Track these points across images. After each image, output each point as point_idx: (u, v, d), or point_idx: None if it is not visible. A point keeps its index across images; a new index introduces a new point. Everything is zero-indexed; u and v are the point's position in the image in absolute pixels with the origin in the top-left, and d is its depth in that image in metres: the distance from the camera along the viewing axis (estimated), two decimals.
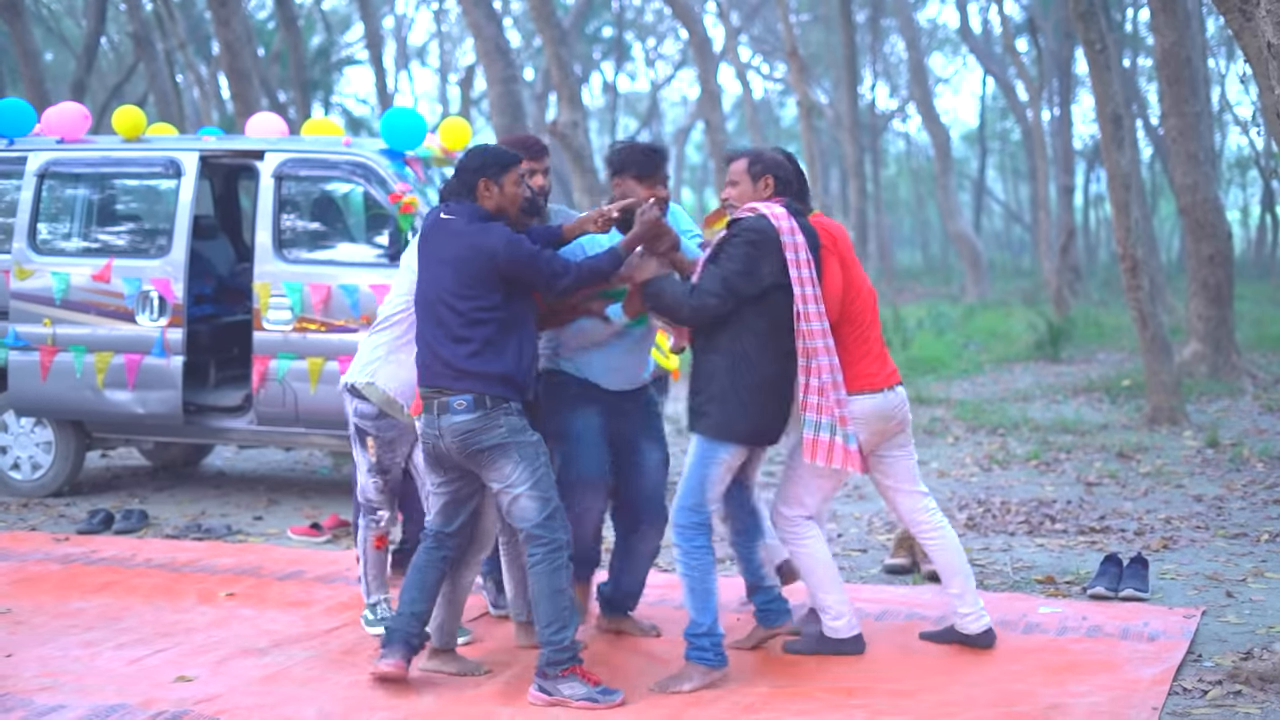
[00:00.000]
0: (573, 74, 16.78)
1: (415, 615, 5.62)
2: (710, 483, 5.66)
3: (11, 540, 8.35)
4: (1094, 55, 12.46)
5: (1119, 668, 5.78)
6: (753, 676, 5.74)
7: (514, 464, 5.43)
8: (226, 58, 19.71)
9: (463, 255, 5.43)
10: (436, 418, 5.47)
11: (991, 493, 9.62)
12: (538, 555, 5.43)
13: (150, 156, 9.46)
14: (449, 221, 5.54)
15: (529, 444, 5.46)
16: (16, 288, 9.44)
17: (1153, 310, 12.57)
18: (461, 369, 5.42)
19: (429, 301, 5.53)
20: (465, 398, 5.41)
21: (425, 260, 5.59)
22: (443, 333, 5.46)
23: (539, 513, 5.42)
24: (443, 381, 5.45)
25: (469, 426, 5.41)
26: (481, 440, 5.41)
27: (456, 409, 5.41)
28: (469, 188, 5.57)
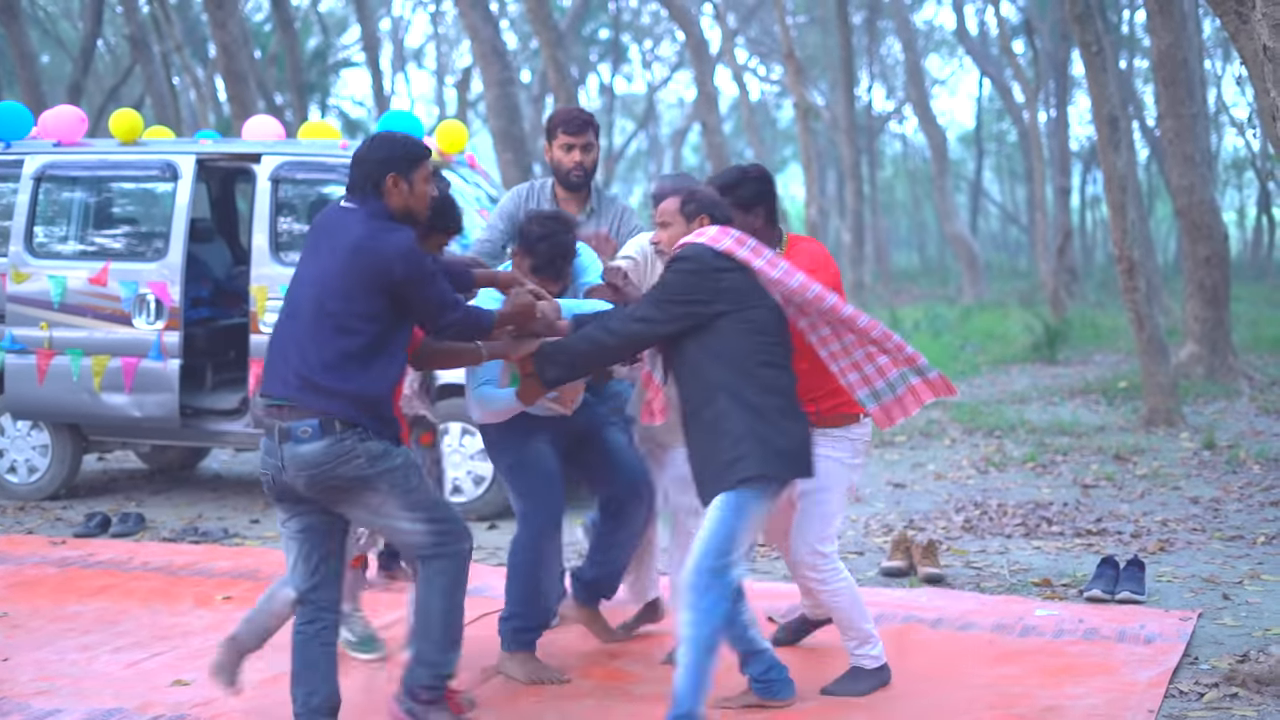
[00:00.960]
0: (570, 76, 16.80)
1: (314, 710, 4.81)
2: (743, 532, 4.96)
3: (8, 543, 8.35)
4: (1090, 57, 12.48)
5: (1115, 670, 5.79)
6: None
7: (382, 495, 4.64)
8: (223, 60, 19.73)
9: (355, 252, 4.64)
10: (278, 445, 4.61)
11: (988, 495, 9.63)
12: (433, 570, 4.77)
13: (147, 160, 9.47)
14: (349, 212, 4.76)
15: (395, 469, 4.66)
16: (13, 291, 9.44)
17: (1149, 312, 12.58)
18: (312, 381, 4.58)
19: (297, 298, 4.74)
20: (310, 423, 4.56)
21: (310, 251, 4.81)
22: (301, 333, 4.65)
23: (426, 534, 4.73)
24: (287, 393, 4.61)
25: (317, 459, 4.57)
26: (336, 473, 4.58)
27: (300, 436, 4.56)
28: (373, 182, 4.76)
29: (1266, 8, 5.52)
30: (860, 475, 5.56)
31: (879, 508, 9.29)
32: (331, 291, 4.63)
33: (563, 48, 16.99)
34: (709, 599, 4.84)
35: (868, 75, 42.42)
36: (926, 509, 9.20)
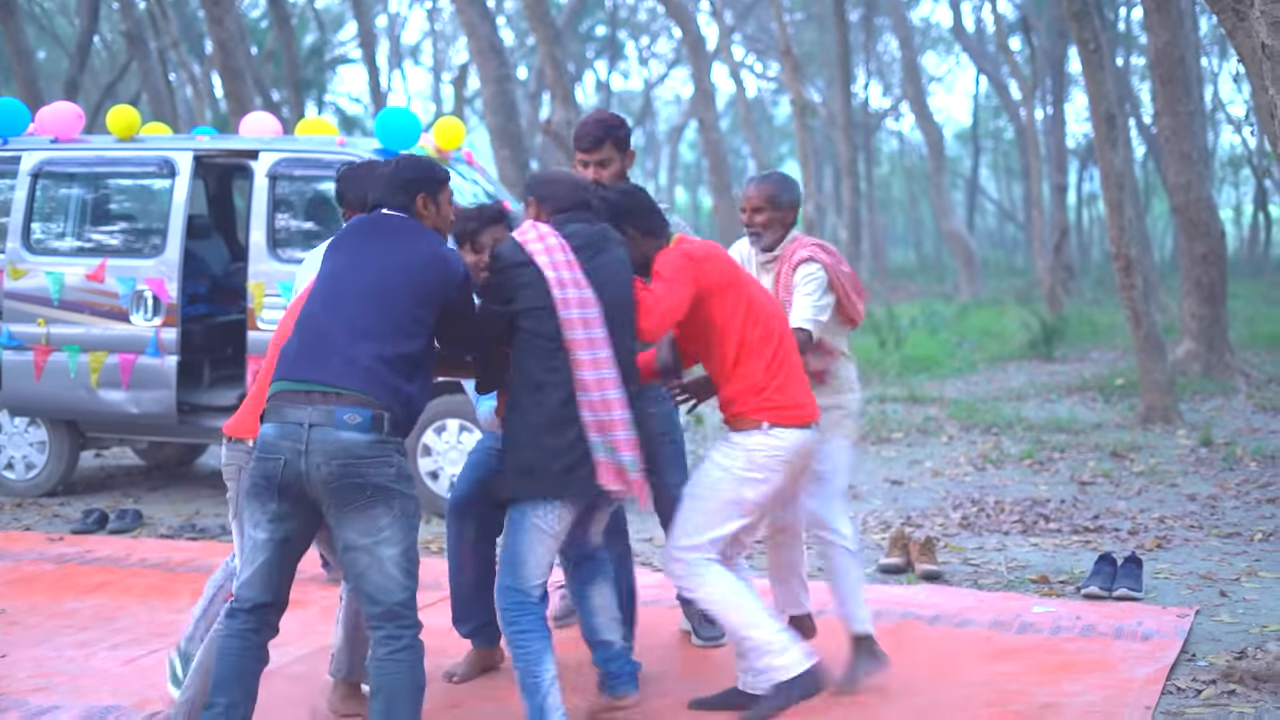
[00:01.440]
0: (567, 73, 16.78)
1: None
2: (528, 551, 4.80)
3: (6, 540, 8.35)
4: (1088, 54, 12.48)
5: (1113, 667, 5.79)
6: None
7: (392, 517, 4.29)
8: (220, 56, 19.72)
9: (420, 259, 4.51)
10: (306, 429, 4.26)
11: (985, 492, 9.63)
12: (403, 640, 4.33)
13: (144, 156, 9.46)
14: (397, 219, 4.62)
15: (412, 498, 4.39)
16: (10, 287, 9.43)
17: (1146, 309, 12.59)
18: (377, 373, 4.32)
19: (345, 290, 4.47)
20: (363, 412, 4.26)
21: (355, 250, 4.59)
22: (360, 325, 4.38)
23: (405, 584, 4.33)
24: (340, 380, 4.30)
25: (359, 450, 4.25)
26: (365, 473, 4.25)
27: (347, 423, 4.25)
28: (408, 197, 4.65)
29: (1265, 5, 5.53)
30: (761, 491, 5.07)
31: (876, 504, 9.30)
32: (401, 291, 4.43)
33: (560, 44, 16.97)
34: (515, 622, 4.79)
35: (864, 72, 42.43)
36: (924, 506, 9.21)
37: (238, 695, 4.42)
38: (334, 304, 4.43)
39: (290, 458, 4.24)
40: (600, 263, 4.86)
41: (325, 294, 4.49)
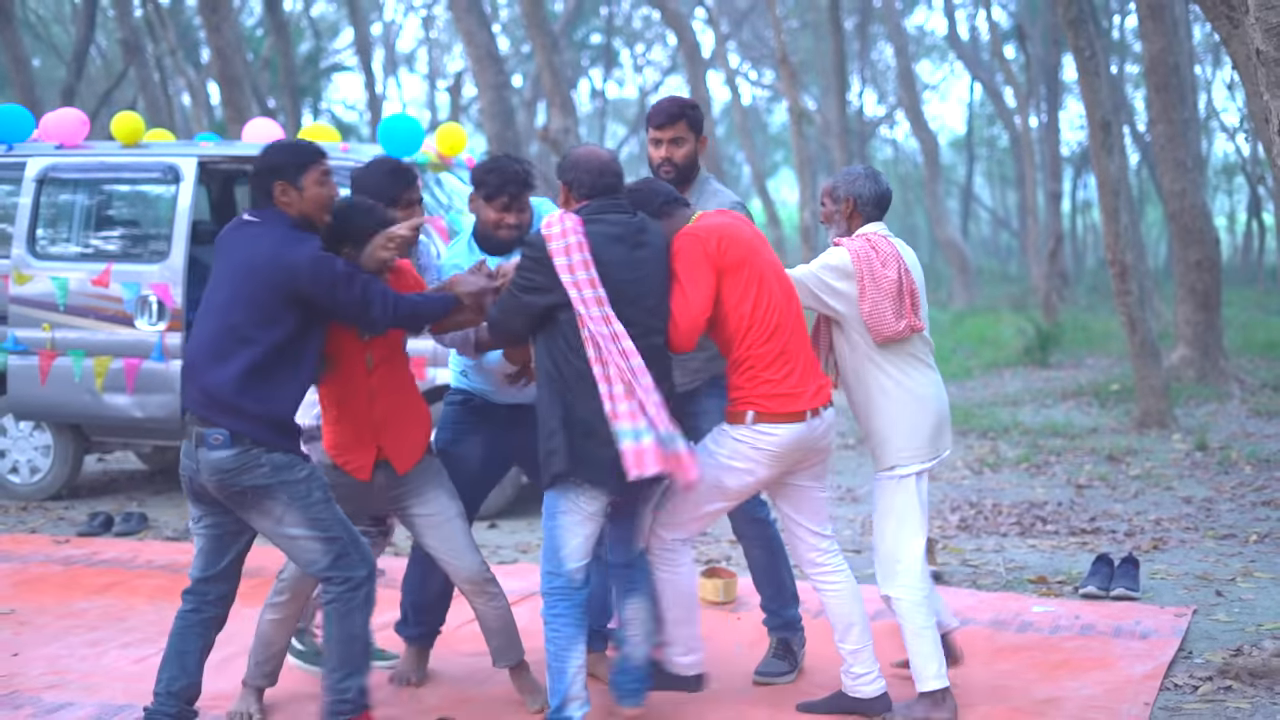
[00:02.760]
0: (565, 80, 16.87)
1: (174, 694, 4.90)
2: (563, 538, 4.95)
3: (12, 542, 8.42)
4: (1083, 62, 12.57)
5: (1112, 665, 5.87)
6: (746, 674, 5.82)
7: (283, 504, 4.71)
8: (218, 64, 19.78)
9: (256, 263, 4.69)
10: (195, 448, 4.74)
11: (983, 495, 9.72)
12: (331, 594, 4.80)
13: (149, 162, 9.53)
14: (250, 225, 4.83)
15: (298, 481, 4.73)
16: (15, 293, 9.50)
17: (1141, 315, 12.68)
18: (221, 400, 4.68)
19: (202, 314, 4.82)
20: (221, 432, 4.68)
21: (216, 269, 4.87)
22: (209, 351, 4.72)
23: (324, 553, 4.77)
24: (201, 410, 4.72)
25: (226, 465, 4.67)
26: (240, 480, 4.68)
27: (213, 444, 4.67)
28: (264, 192, 4.81)
29: (1259, 12, 5.61)
30: (744, 482, 5.11)
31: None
32: (233, 304, 4.70)
33: (557, 52, 17.06)
34: (554, 606, 4.92)
35: (859, 80, 42.51)
36: None
37: (180, 670, 4.92)
38: (196, 330, 4.84)
39: (191, 474, 4.79)
40: (640, 256, 4.95)
41: (196, 319, 4.90)
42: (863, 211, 5.43)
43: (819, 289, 5.27)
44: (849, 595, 5.28)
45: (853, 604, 5.28)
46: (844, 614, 5.28)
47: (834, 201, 5.49)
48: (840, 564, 5.32)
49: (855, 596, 5.29)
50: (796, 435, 5.05)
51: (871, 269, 5.25)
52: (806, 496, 5.29)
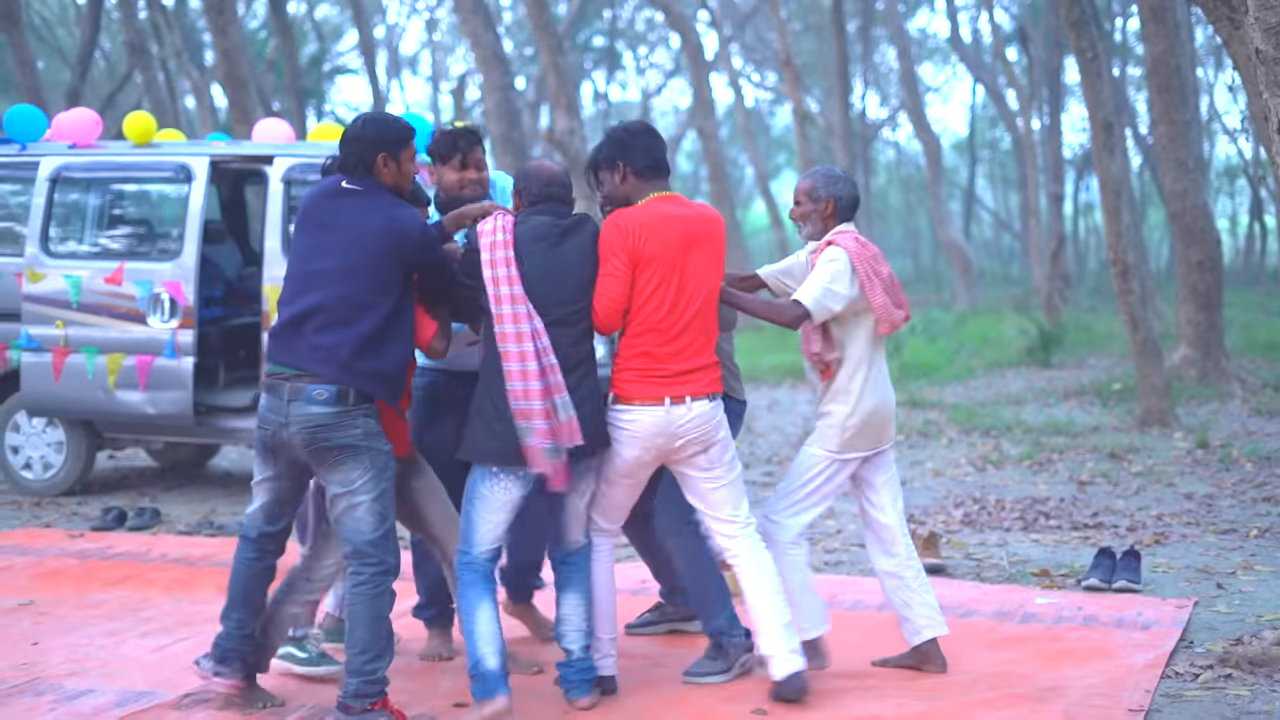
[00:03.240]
0: (570, 82, 16.98)
1: (246, 635, 5.25)
2: (475, 522, 5.21)
3: (28, 536, 8.53)
4: (1086, 64, 12.68)
5: (1114, 654, 5.96)
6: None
7: (363, 469, 4.92)
8: (224, 66, 19.89)
9: (367, 229, 4.94)
10: (286, 404, 4.91)
11: (986, 491, 9.82)
12: (364, 575, 4.94)
13: (161, 162, 9.64)
14: (352, 191, 5.04)
15: (381, 452, 4.97)
16: (29, 290, 9.60)
17: (1144, 314, 12.77)
18: (338, 359, 4.89)
19: (305, 274, 4.99)
20: (328, 388, 4.87)
21: (310, 229, 5.06)
22: (319, 313, 4.92)
23: (375, 528, 4.93)
24: (307, 365, 4.90)
25: (323, 420, 4.87)
26: (333, 438, 4.88)
27: (315, 398, 4.87)
28: (363, 162, 5.06)
29: (1259, 12, 5.71)
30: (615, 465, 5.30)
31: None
32: (359, 272, 4.93)
33: (562, 54, 17.18)
34: (460, 578, 5.21)
35: (861, 82, 42.60)
36: (926, 504, 9.39)
37: (246, 613, 5.23)
38: (302, 292, 4.98)
39: (275, 429, 4.96)
40: (561, 250, 5.21)
41: (294, 281, 5.04)
42: (841, 212, 5.65)
43: (825, 297, 5.44)
44: (756, 574, 5.38)
45: (762, 581, 5.37)
46: (752, 592, 5.37)
47: (813, 201, 5.66)
48: (746, 547, 5.40)
49: (766, 574, 5.38)
50: (653, 419, 5.22)
51: (872, 265, 5.51)
52: (699, 486, 5.40)
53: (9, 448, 9.94)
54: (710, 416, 5.29)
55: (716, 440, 5.32)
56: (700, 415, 5.25)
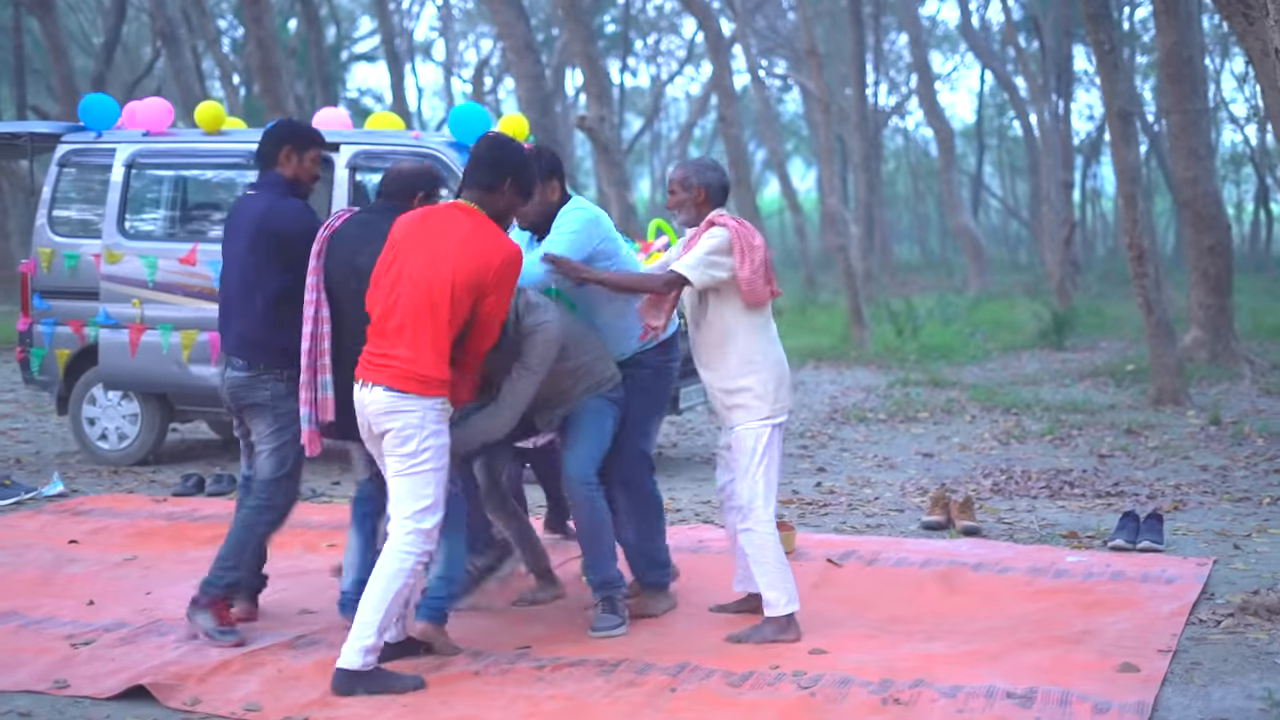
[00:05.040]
0: (601, 71, 17.48)
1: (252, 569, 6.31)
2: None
3: (115, 501, 9.07)
4: (1103, 55, 13.19)
5: (1141, 604, 6.50)
6: (828, 608, 6.45)
7: (267, 424, 6.01)
8: (257, 54, 20.38)
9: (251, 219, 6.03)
10: (223, 370, 6.13)
11: (1011, 463, 10.35)
12: (250, 503, 6.11)
13: (232, 149, 10.15)
14: (253, 185, 6.24)
15: (285, 412, 5.95)
16: (107, 270, 10.12)
17: (1158, 298, 13.29)
18: (243, 337, 6.02)
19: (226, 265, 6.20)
20: (242, 359, 6.03)
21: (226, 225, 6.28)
22: (228, 297, 6.11)
23: (271, 472, 6.03)
24: (230, 349, 6.08)
25: (239, 383, 6.04)
26: (247, 396, 6.03)
27: (236, 366, 6.03)
28: (272, 156, 6.16)
29: (1279, 14, 6.19)
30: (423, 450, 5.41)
31: (911, 473, 10.02)
32: (249, 257, 6.01)
33: (593, 43, 17.68)
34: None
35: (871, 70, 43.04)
36: (955, 475, 9.92)
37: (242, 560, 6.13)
38: (222, 280, 6.24)
39: (222, 391, 6.19)
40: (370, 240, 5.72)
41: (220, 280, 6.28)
42: (712, 199, 6.15)
43: (708, 266, 5.91)
44: (375, 575, 5.41)
45: (374, 583, 5.39)
46: (371, 585, 5.41)
47: (685, 190, 6.14)
48: (392, 545, 5.40)
49: (380, 580, 5.38)
50: (356, 396, 5.48)
51: (748, 243, 6.00)
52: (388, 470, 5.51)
53: (85, 419, 10.47)
54: (378, 405, 5.36)
55: (388, 429, 5.37)
56: (375, 405, 5.37)
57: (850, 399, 14.20)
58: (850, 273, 18.99)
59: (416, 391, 5.34)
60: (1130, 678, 5.40)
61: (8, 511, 8.81)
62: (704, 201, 6.11)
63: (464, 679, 5.50)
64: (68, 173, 10.52)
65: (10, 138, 11.04)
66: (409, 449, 5.35)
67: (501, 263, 5.40)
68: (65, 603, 6.62)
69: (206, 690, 5.33)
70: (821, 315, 23.10)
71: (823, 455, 10.86)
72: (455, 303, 5.34)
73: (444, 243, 5.40)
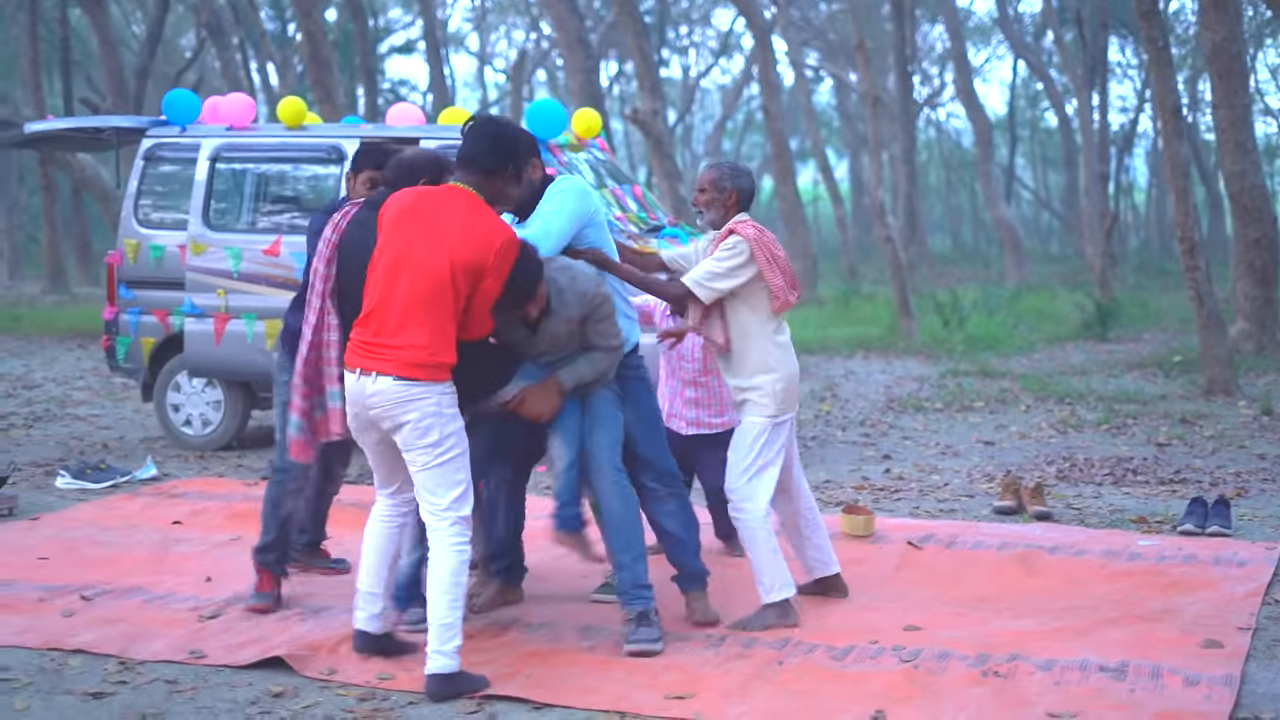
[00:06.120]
0: (653, 64, 17.74)
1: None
2: None
3: (208, 484, 9.38)
4: (1156, 51, 13.39)
5: (1216, 585, 6.76)
6: (913, 588, 6.72)
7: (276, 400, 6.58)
8: (308, 47, 20.66)
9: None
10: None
11: (1072, 451, 10.59)
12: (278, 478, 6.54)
13: (315, 143, 10.45)
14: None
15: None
16: (193, 262, 10.42)
17: (1209, 289, 13.50)
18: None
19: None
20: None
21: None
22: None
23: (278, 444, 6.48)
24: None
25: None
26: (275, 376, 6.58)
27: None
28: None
29: None
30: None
31: (975, 461, 10.27)
32: None
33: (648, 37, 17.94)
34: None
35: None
36: (1019, 462, 10.17)
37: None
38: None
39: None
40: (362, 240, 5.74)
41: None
42: (741, 204, 6.30)
43: (719, 279, 6.03)
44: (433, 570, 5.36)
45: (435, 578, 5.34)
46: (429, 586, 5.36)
47: (718, 191, 6.25)
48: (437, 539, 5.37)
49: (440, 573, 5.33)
50: (347, 385, 5.44)
51: (770, 250, 6.14)
52: (402, 461, 5.47)
53: (170, 406, 10.79)
54: (390, 395, 5.28)
55: (404, 421, 5.29)
56: (384, 395, 5.27)
57: (904, 389, 14.44)
58: (898, 264, 19.22)
59: (428, 379, 5.25)
60: (1215, 653, 5.66)
61: (106, 494, 9.13)
62: (734, 205, 6.24)
63: (580, 654, 5.78)
64: (153, 166, 10.83)
65: (94, 132, 11.36)
66: (432, 439, 5.27)
67: (501, 245, 5.31)
68: (183, 579, 6.95)
69: (339, 660, 5.64)
70: (865, 306, 23.33)
71: (885, 443, 11.12)
72: (456, 287, 5.27)
73: (444, 226, 5.31)
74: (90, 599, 6.52)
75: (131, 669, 5.56)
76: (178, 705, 5.16)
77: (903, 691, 5.25)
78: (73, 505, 8.77)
